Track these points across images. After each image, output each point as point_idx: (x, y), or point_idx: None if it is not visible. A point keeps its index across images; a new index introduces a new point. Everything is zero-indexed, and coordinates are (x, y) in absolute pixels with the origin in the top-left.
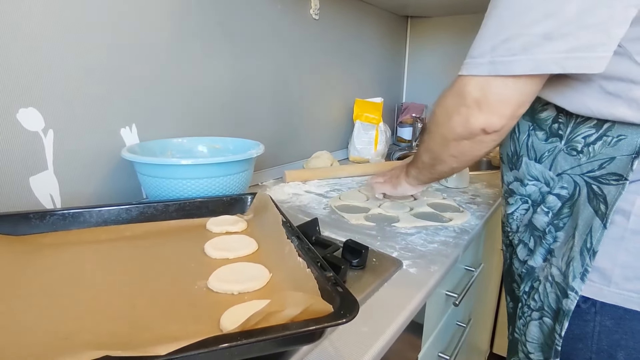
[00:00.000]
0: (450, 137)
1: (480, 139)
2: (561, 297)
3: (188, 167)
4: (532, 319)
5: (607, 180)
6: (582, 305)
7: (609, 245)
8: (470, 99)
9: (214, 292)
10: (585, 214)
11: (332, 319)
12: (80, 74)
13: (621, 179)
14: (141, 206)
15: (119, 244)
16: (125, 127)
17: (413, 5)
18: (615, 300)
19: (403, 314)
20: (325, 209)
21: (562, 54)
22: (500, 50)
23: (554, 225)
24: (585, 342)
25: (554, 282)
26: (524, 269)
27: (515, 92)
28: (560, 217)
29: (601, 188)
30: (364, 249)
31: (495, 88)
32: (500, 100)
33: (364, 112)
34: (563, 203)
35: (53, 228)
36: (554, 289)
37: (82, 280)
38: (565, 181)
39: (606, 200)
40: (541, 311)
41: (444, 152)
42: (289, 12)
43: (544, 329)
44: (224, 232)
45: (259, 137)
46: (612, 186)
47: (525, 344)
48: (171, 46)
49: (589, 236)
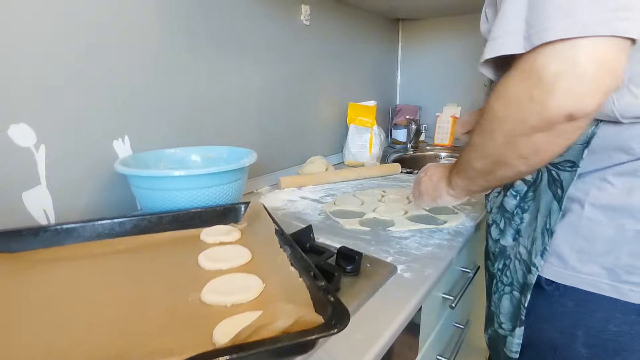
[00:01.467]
0: (520, 132)
1: (562, 128)
2: (526, 272)
3: (181, 178)
4: (504, 293)
5: (563, 167)
6: (547, 288)
7: (567, 231)
8: (548, 76)
9: (208, 305)
10: (545, 198)
11: (323, 329)
12: (70, 87)
13: (574, 165)
14: (135, 219)
15: (113, 258)
16: (118, 139)
17: (404, 9)
18: (574, 283)
19: (397, 320)
20: (320, 214)
21: None
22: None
23: (520, 208)
24: (551, 322)
25: (521, 259)
26: (497, 248)
27: (619, 49)
28: (526, 200)
29: (559, 174)
30: (357, 256)
31: (591, 49)
32: (601, 66)
33: (357, 116)
34: (528, 187)
35: (46, 244)
36: (521, 266)
37: (76, 296)
38: None
39: (562, 185)
40: (511, 286)
41: (509, 154)
42: (280, 19)
43: (513, 301)
44: (217, 242)
45: (253, 143)
46: (567, 172)
47: (499, 315)
48: (162, 56)
49: (548, 218)
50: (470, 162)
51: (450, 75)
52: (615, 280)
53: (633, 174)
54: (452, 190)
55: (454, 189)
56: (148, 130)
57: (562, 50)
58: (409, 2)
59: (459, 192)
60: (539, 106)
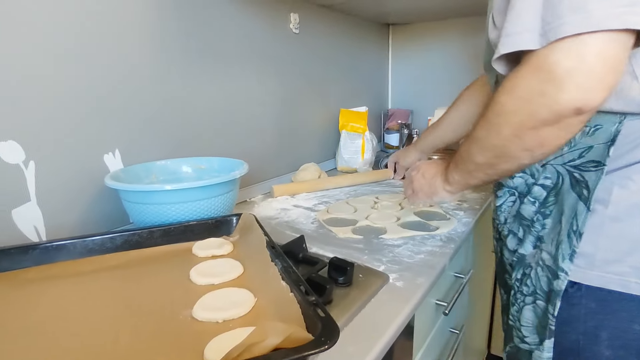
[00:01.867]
0: (529, 125)
1: (568, 122)
2: (552, 278)
3: (172, 192)
4: (525, 304)
5: (587, 168)
6: (569, 290)
7: (592, 232)
8: (560, 71)
9: (199, 321)
10: (569, 200)
11: (313, 346)
12: (59, 102)
13: (599, 165)
14: (126, 234)
15: (104, 275)
16: (109, 152)
17: (394, 14)
18: (599, 283)
19: (389, 331)
20: (313, 223)
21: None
22: None
23: (541, 214)
24: (572, 324)
25: (545, 265)
26: (515, 258)
27: (623, 48)
28: (547, 206)
29: (582, 175)
30: (349, 266)
31: (598, 47)
32: (606, 63)
33: (349, 122)
34: (548, 192)
35: (36, 262)
36: (545, 273)
37: (65, 316)
38: (549, 171)
39: (588, 185)
40: (534, 295)
41: (515, 147)
42: (269, 28)
43: (538, 311)
44: (209, 255)
45: (245, 152)
46: (592, 172)
47: (520, 329)
48: (151, 67)
49: (575, 219)
50: (472, 156)
51: (441, 78)
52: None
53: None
54: (448, 186)
55: (451, 184)
56: (139, 143)
57: (572, 47)
58: (399, 7)
59: (456, 187)
60: (550, 100)
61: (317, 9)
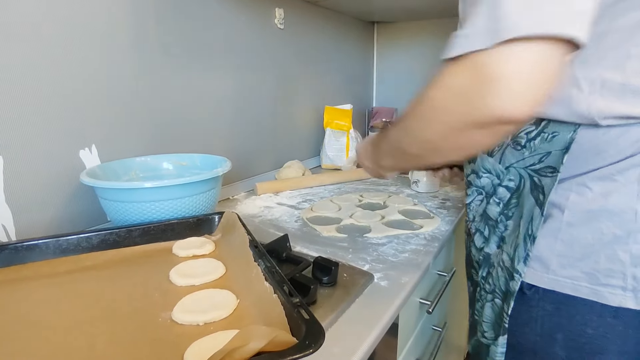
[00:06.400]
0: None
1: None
2: (508, 279)
3: (152, 190)
4: (486, 301)
5: (545, 173)
6: (527, 292)
7: (548, 236)
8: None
9: (179, 324)
10: (528, 204)
11: (298, 350)
12: (30, 94)
13: (555, 171)
14: (102, 233)
15: (79, 276)
16: (85, 148)
17: (379, 12)
18: (554, 286)
19: (374, 331)
20: (297, 221)
21: None
22: None
23: (504, 215)
24: (531, 325)
25: (504, 266)
26: (481, 256)
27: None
28: (509, 207)
29: (540, 180)
30: (333, 266)
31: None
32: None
33: (334, 120)
34: (511, 194)
35: (5, 263)
36: (504, 273)
37: (37, 321)
38: (512, 174)
39: (544, 190)
40: (493, 293)
41: (447, 144)
42: (254, 23)
43: (495, 309)
44: (190, 255)
45: (228, 149)
46: (549, 178)
47: (482, 324)
48: (131, 60)
49: (530, 224)
50: (402, 146)
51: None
52: (594, 284)
53: (610, 178)
54: (384, 170)
55: (385, 169)
56: (117, 138)
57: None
58: (384, 6)
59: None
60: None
61: (303, 4)
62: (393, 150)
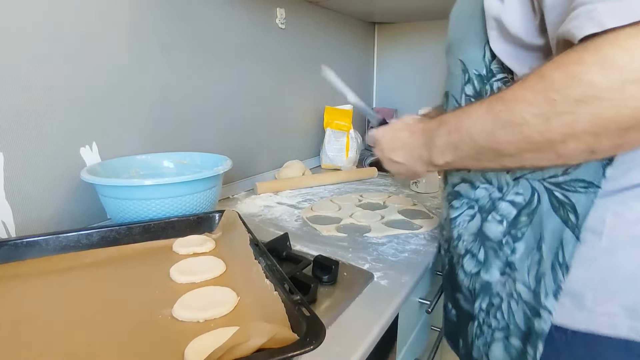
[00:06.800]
0: (620, 121)
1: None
2: (532, 317)
3: (152, 187)
4: (494, 340)
5: (573, 188)
6: (553, 333)
7: (581, 266)
8: None
9: (179, 321)
10: (552, 225)
11: (299, 346)
12: (31, 92)
13: (591, 186)
14: (103, 230)
15: (78, 273)
16: (85, 145)
17: (379, 13)
18: (588, 325)
19: (374, 330)
20: (297, 220)
21: None
22: None
23: (511, 236)
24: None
25: (521, 300)
26: (478, 284)
27: None
28: (518, 227)
29: (567, 196)
30: (334, 265)
31: None
32: None
33: (334, 120)
34: (519, 211)
35: (5, 259)
36: (522, 308)
37: (35, 318)
38: (521, 186)
39: (575, 209)
40: (505, 331)
41: (580, 146)
42: (255, 23)
43: (512, 351)
44: (191, 253)
45: (229, 148)
46: (581, 194)
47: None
48: (132, 58)
49: (560, 250)
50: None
51: (426, 78)
52: (636, 319)
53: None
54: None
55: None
56: (118, 137)
57: None
58: (385, 7)
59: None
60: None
61: (304, 5)
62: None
